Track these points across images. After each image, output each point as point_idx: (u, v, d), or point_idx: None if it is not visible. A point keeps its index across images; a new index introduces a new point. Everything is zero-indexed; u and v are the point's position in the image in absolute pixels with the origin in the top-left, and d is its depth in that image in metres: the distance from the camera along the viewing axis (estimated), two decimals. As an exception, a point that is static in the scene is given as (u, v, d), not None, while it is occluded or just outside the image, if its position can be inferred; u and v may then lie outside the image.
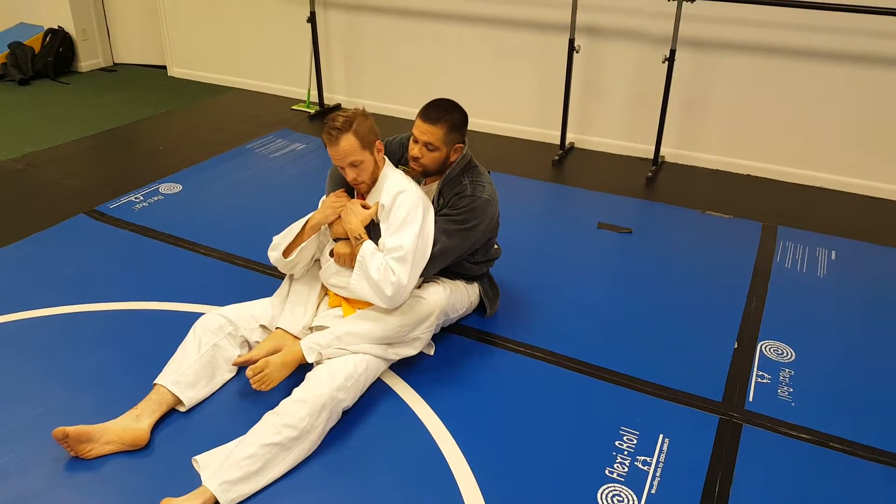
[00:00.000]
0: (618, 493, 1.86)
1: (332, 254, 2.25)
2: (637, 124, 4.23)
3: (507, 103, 4.55)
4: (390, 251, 2.10)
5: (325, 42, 4.97)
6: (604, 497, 1.84)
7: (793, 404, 2.20)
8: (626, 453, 1.99)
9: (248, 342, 2.25)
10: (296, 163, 4.06)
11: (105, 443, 1.92)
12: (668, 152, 4.21)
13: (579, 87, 4.25)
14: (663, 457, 1.98)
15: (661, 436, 2.05)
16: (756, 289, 2.84)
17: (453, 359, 2.37)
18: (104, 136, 4.52)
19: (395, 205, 2.15)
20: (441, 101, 2.25)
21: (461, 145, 2.27)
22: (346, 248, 2.19)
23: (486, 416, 2.12)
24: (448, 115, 2.21)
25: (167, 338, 2.27)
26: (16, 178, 3.82)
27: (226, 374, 2.21)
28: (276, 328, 2.23)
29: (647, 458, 1.97)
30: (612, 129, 4.33)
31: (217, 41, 5.56)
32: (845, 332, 2.58)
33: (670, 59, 3.76)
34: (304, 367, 2.10)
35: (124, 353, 2.35)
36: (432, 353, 2.37)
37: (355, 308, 2.23)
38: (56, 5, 5.72)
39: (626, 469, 1.93)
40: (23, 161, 4.04)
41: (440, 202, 2.27)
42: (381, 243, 2.16)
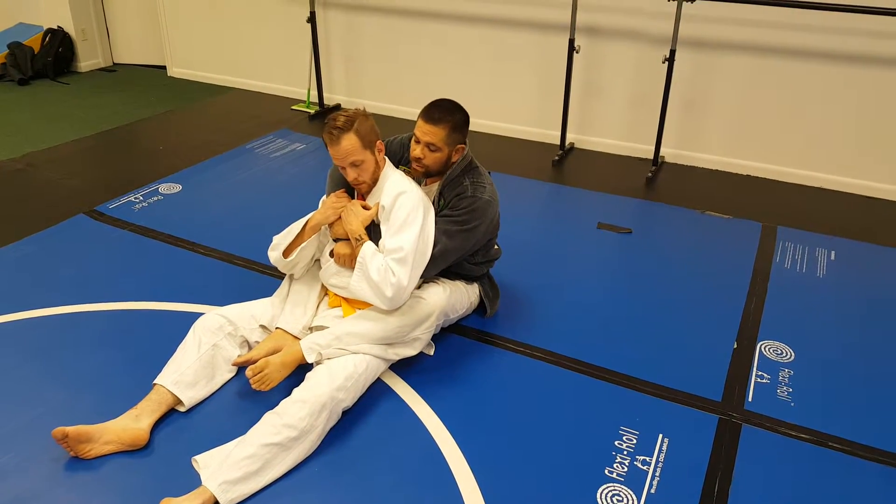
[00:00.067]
0: (617, 492, 1.86)
1: (332, 254, 2.25)
2: (637, 124, 4.23)
3: (507, 103, 4.56)
4: (391, 252, 2.10)
5: (324, 42, 4.97)
6: (603, 497, 1.84)
7: (792, 404, 2.20)
8: (625, 453, 1.99)
9: (247, 342, 2.25)
10: (295, 163, 4.06)
11: (105, 443, 1.92)
12: (668, 152, 4.21)
13: (579, 88, 4.25)
14: (663, 457, 1.98)
15: (661, 436, 2.05)
16: (755, 289, 2.85)
17: (453, 359, 2.37)
18: (104, 137, 4.51)
19: (395, 206, 2.15)
20: (443, 102, 2.25)
21: (463, 146, 2.27)
22: (346, 249, 2.19)
23: (486, 416, 2.12)
24: (450, 115, 2.21)
25: (167, 338, 2.27)
26: (15, 178, 3.82)
27: (225, 374, 2.21)
28: (276, 328, 2.23)
29: (647, 458, 1.97)
30: (612, 129, 4.33)
31: (217, 41, 5.56)
32: (844, 333, 2.58)
33: (670, 60, 3.76)
34: (304, 367, 2.10)
35: (124, 353, 2.35)
36: (432, 353, 2.37)
37: (355, 308, 2.23)
38: (55, 5, 5.72)
39: (626, 469, 1.93)
40: (22, 161, 4.04)
41: (441, 203, 2.27)
42: (382, 244, 2.16)
